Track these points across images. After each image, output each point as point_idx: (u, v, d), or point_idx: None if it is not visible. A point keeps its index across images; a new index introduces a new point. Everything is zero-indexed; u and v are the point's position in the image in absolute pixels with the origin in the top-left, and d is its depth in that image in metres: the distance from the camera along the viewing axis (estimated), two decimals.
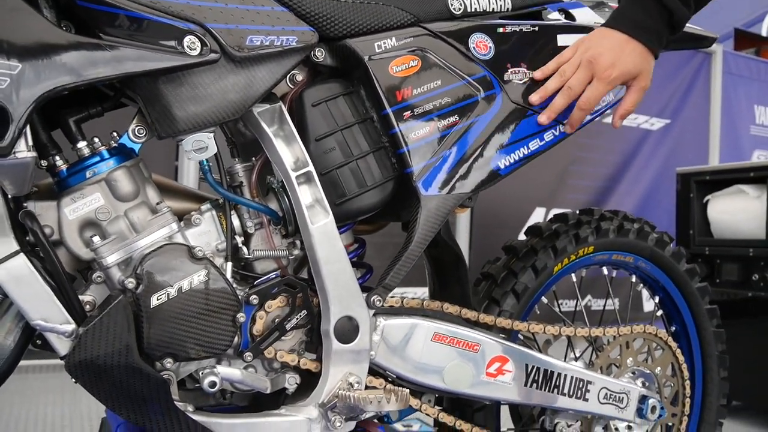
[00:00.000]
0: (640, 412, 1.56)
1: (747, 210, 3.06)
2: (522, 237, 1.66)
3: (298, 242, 1.22)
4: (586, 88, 1.32)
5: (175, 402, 1.10)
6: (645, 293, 1.83)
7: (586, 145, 4.12)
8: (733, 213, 3.14)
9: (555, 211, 4.11)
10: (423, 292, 1.66)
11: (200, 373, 1.14)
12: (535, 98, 1.34)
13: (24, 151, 0.95)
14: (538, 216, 4.10)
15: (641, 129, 4.42)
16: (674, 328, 1.77)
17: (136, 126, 1.13)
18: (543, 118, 1.34)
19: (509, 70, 1.34)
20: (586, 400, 1.47)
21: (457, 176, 1.28)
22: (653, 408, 1.56)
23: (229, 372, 1.14)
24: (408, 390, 1.15)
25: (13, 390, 2.18)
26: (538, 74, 1.35)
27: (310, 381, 1.23)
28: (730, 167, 3.28)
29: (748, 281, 2.99)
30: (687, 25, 1.38)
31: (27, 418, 2.68)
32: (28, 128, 0.95)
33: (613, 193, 4.30)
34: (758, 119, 5.11)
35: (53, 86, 0.95)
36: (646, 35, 1.31)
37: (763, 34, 9.81)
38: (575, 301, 1.67)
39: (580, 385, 1.46)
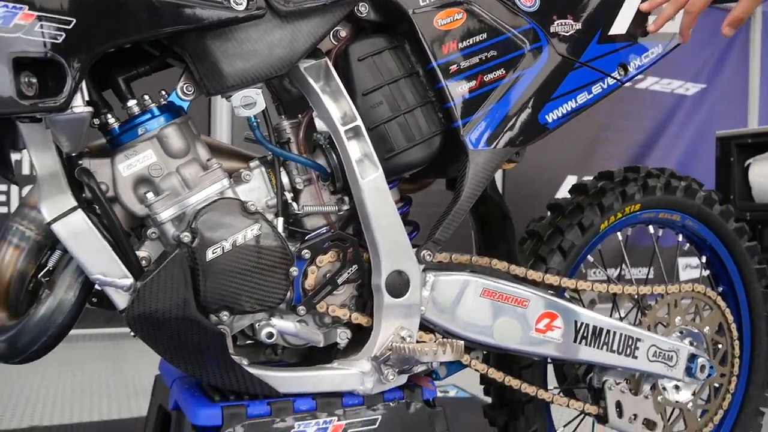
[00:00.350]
0: (689, 371, 1.55)
1: None
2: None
3: (346, 198, 1.22)
4: None
5: (231, 355, 1.11)
6: (681, 261, 1.79)
7: (618, 112, 4.05)
8: None
9: (587, 179, 4.06)
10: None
11: (257, 325, 1.15)
12: (645, 6, 1.39)
13: (80, 106, 0.96)
14: (569, 184, 4.05)
15: (676, 94, 4.32)
16: (721, 288, 1.74)
17: (184, 84, 1.13)
18: (652, 27, 1.39)
19: (555, 22, 1.32)
20: (635, 357, 1.46)
21: (505, 130, 1.27)
22: (702, 367, 1.55)
23: (284, 325, 1.15)
24: (463, 342, 1.15)
25: (60, 359, 2.24)
26: (644, 6, 1.39)
27: (359, 336, 1.24)
28: None
29: None
30: None
31: (73, 385, 2.76)
32: (83, 84, 0.96)
33: (646, 161, 4.23)
34: None
35: (109, 41, 0.95)
36: None
37: None
38: (609, 269, 1.65)
39: (629, 343, 1.45)
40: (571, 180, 4.00)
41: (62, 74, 0.91)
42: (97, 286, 1.12)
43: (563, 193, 3.93)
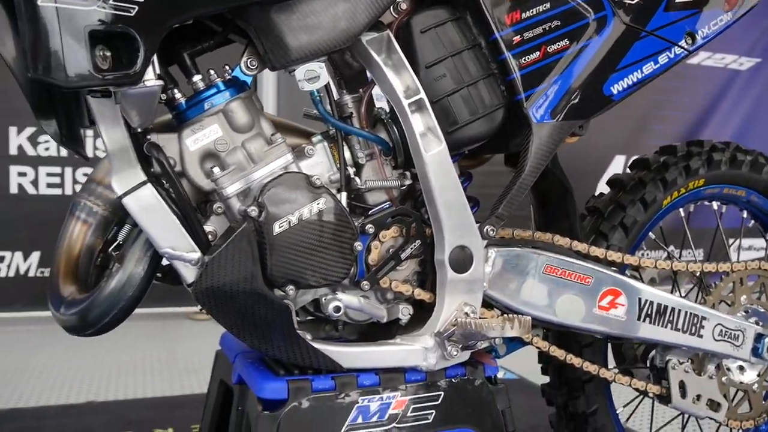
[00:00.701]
0: (755, 351, 1.51)
1: None
2: (601, 188, 1.60)
3: (407, 173, 1.21)
4: None
5: (296, 330, 1.12)
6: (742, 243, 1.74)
7: (669, 88, 3.94)
8: None
9: (636, 158, 3.97)
10: None
11: (323, 299, 1.15)
12: None
13: (152, 79, 0.97)
14: (618, 164, 3.98)
15: (729, 69, 4.19)
16: None
17: (248, 58, 1.12)
18: None
19: None
20: (701, 336, 1.42)
21: (569, 103, 1.24)
22: None
23: (349, 299, 1.15)
24: (530, 317, 1.14)
25: (112, 337, 2.29)
26: None
27: (421, 312, 1.24)
28: None
29: None
30: None
31: (127, 362, 2.82)
32: (155, 57, 0.96)
33: (698, 138, 4.12)
34: None
35: (180, 14, 0.96)
36: None
37: None
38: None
39: (695, 321, 1.41)
40: (619, 160, 3.92)
41: (135, 47, 0.92)
42: (164, 261, 1.13)
43: (611, 172, 3.85)
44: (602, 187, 4.03)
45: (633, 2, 1.28)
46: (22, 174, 3.26)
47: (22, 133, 3.24)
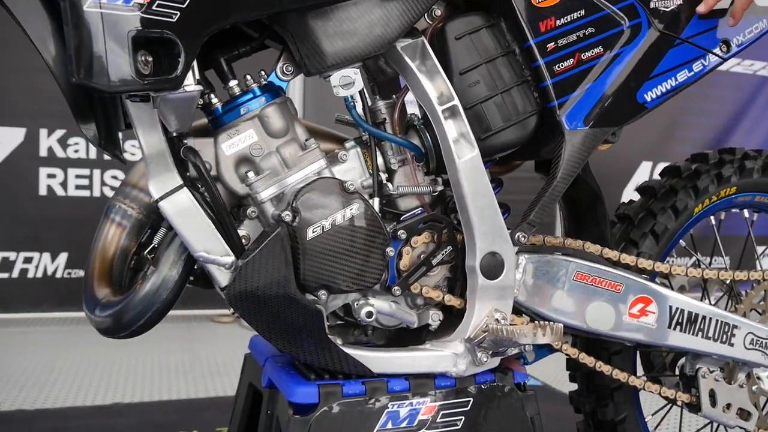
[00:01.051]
0: None
1: None
2: (627, 195, 1.60)
3: (439, 179, 1.22)
4: None
5: (327, 334, 1.12)
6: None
7: (697, 95, 3.89)
8: None
9: (662, 165, 3.93)
10: None
11: (355, 304, 1.16)
12: (702, 8, 1.28)
13: (191, 84, 0.98)
14: (644, 170, 3.95)
15: (758, 76, 4.13)
16: None
17: (284, 64, 1.14)
18: (702, 8, 1.27)
19: None
20: (732, 345, 1.41)
21: (602, 110, 1.24)
22: None
23: (380, 305, 1.16)
24: (561, 324, 1.13)
25: (138, 339, 2.32)
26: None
27: (451, 318, 1.24)
28: None
29: None
30: None
31: (152, 364, 2.85)
32: (195, 62, 0.98)
33: (725, 145, 4.07)
34: None
35: (220, 20, 0.97)
36: None
37: None
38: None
39: (726, 329, 1.40)
40: (646, 166, 3.89)
41: (176, 53, 0.93)
42: (197, 264, 1.15)
43: (638, 180, 3.82)
44: (628, 194, 3.99)
45: (668, 9, 1.28)
46: (51, 176, 3.31)
47: (52, 135, 3.29)
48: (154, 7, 0.91)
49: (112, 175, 3.35)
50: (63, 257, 3.32)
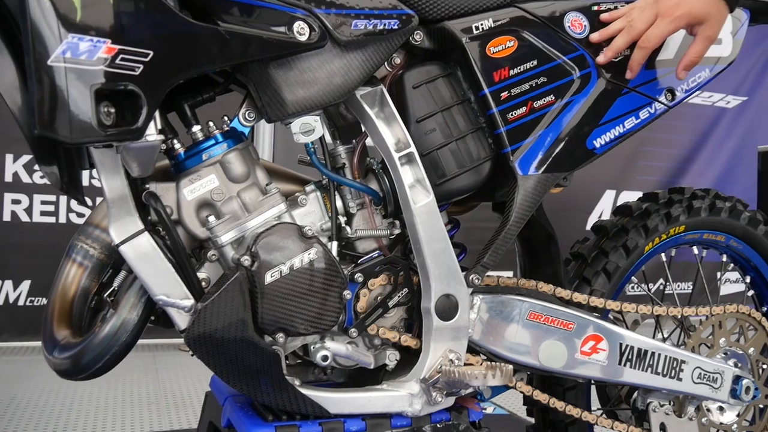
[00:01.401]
0: (733, 393, 1.54)
1: None
2: (592, 222, 1.65)
3: (397, 222, 1.25)
4: (650, 28, 1.27)
5: (285, 376, 1.14)
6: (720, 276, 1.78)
7: (658, 125, 3.97)
8: None
9: (625, 193, 4.03)
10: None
11: (311, 347, 1.18)
12: (595, 36, 1.31)
13: (153, 134, 1.00)
14: (608, 199, 4.04)
15: (716, 107, 4.28)
16: (766, 309, 1.73)
17: (246, 110, 1.17)
18: (601, 58, 1.30)
19: (604, 49, 1.33)
20: (680, 379, 1.46)
21: (554, 156, 1.28)
22: (747, 388, 1.54)
23: (337, 347, 1.18)
24: (512, 366, 1.17)
25: None
26: (595, 36, 1.31)
27: (407, 358, 1.27)
28: None
29: None
30: None
31: (117, 394, 2.82)
32: (157, 113, 1.00)
33: (686, 174, 4.19)
34: None
35: (183, 73, 0.99)
36: None
37: None
38: (649, 284, 1.64)
39: (674, 365, 1.45)
40: (609, 194, 3.98)
41: (138, 104, 0.96)
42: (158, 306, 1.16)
43: (601, 207, 3.91)
44: (593, 221, 4.07)
45: (617, 60, 1.34)
46: (16, 201, 3.28)
47: (18, 161, 3.27)
48: (117, 61, 0.93)
49: (78, 206, 3.33)
50: (26, 285, 3.28)
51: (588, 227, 3.70)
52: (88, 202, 2.88)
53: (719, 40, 1.43)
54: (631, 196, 4.01)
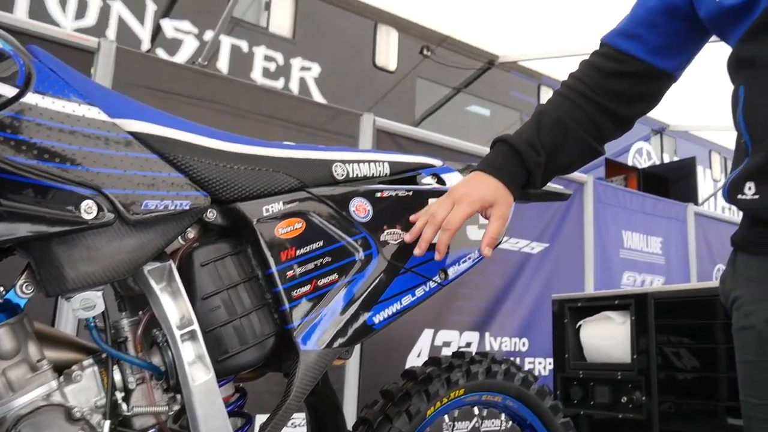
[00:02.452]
0: None
1: (614, 335, 3.32)
2: (411, 360, 1.74)
3: (178, 396, 1.26)
4: (449, 214, 1.40)
5: None
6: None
7: (473, 269, 4.34)
8: (602, 338, 3.39)
9: (442, 332, 4.26)
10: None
11: None
12: (407, 237, 1.45)
13: None
14: (427, 337, 4.24)
15: (523, 252, 4.73)
16: None
17: (24, 282, 1.16)
18: (417, 251, 1.41)
19: (385, 232, 1.48)
20: None
21: (335, 332, 1.37)
22: None
23: None
24: None
25: None
26: (408, 237, 1.47)
27: None
28: (599, 295, 3.57)
29: (618, 403, 3.19)
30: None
31: None
32: None
33: (497, 315, 4.52)
34: (626, 243, 5.60)
35: None
36: (499, 172, 1.42)
37: (629, 163, 11.01)
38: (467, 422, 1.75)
39: None
40: (428, 333, 4.18)
41: None
42: None
43: (420, 346, 4.08)
44: (412, 360, 4.18)
45: (396, 242, 1.49)
46: None
47: None
48: None
49: None
50: None
51: (408, 365, 3.84)
52: None
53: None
54: (448, 335, 4.25)
